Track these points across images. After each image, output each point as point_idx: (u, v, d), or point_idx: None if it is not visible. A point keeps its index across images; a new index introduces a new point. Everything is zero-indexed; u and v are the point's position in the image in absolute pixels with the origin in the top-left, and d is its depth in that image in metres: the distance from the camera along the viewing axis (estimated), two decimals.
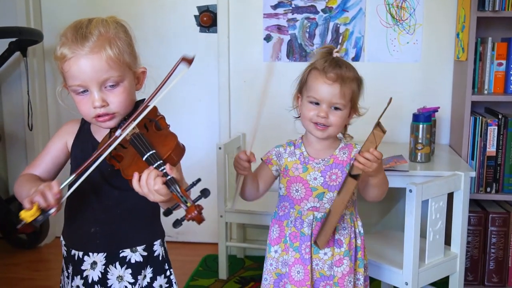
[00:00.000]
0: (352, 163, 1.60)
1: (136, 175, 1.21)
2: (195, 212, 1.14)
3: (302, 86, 1.72)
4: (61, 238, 1.54)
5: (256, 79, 3.07)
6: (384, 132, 1.53)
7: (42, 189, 1.23)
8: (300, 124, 1.76)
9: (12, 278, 2.92)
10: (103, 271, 1.46)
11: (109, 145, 1.29)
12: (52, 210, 1.23)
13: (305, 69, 1.74)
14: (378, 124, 1.53)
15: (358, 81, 1.70)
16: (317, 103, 1.66)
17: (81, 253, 1.47)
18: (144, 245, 1.49)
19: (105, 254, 1.46)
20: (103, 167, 1.33)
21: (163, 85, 1.30)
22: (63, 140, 1.49)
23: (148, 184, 1.18)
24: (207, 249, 3.25)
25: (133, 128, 1.32)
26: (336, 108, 1.66)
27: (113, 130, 1.38)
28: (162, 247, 1.54)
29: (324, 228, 1.62)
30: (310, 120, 1.67)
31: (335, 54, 1.71)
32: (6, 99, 3.28)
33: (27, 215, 1.21)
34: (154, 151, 1.24)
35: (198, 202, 1.16)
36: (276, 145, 1.79)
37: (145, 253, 1.49)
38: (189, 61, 1.30)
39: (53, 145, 1.49)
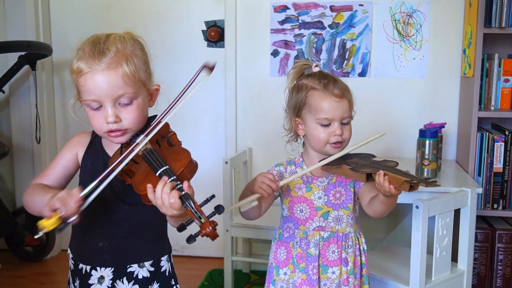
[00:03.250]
0: (379, 173, 1.51)
1: (151, 185, 1.20)
2: (210, 228, 1.14)
3: (300, 109, 1.70)
4: (69, 251, 1.54)
5: (262, 93, 3.09)
6: (408, 190, 1.47)
7: (64, 196, 1.23)
8: (290, 148, 1.77)
9: None
10: (110, 285, 1.46)
11: (132, 151, 1.29)
12: (73, 218, 1.22)
13: (295, 91, 1.72)
14: (411, 183, 1.45)
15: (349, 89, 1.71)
16: (328, 124, 1.65)
17: (88, 267, 1.47)
18: (152, 261, 1.49)
19: (113, 269, 1.46)
20: (114, 182, 1.33)
21: (185, 91, 1.30)
22: (74, 152, 1.49)
23: (163, 196, 1.18)
24: (212, 264, 3.25)
25: (145, 144, 1.32)
26: (345, 123, 1.67)
27: (124, 145, 1.39)
28: (169, 263, 1.54)
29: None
30: (327, 142, 1.65)
31: (315, 69, 1.72)
32: (14, 112, 3.30)
33: (48, 224, 1.19)
34: (167, 166, 1.24)
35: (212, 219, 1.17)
36: (275, 164, 1.77)
37: (152, 269, 1.49)
38: (210, 68, 1.31)
39: (63, 156, 1.49)
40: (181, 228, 1.18)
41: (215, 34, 3.14)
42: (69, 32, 3.25)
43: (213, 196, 1.21)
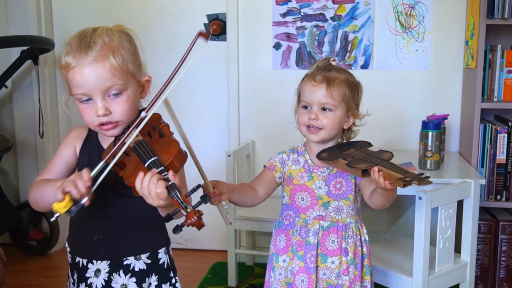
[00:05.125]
0: (374, 170, 1.52)
1: (140, 174, 1.21)
2: (195, 217, 1.14)
3: (299, 97, 1.75)
4: (66, 245, 1.55)
5: (265, 86, 3.09)
6: (402, 186, 1.47)
7: (73, 178, 1.24)
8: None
9: (23, 284, 2.94)
10: (106, 278, 1.46)
11: (135, 127, 1.29)
12: (85, 200, 1.23)
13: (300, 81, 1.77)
14: (404, 180, 1.46)
15: (350, 83, 1.70)
16: (308, 107, 1.68)
17: (85, 261, 1.48)
18: (148, 253, 1.49)
19: (109, 261, 1.47)
20: (108, 175, 1.33)
21: (182, 62, 1.29)
22: (72, 146, 1.50)
23: (149, 186, 1.18)
24: (216, 257, 3.26)
25: (137, 136, 1.32)
26: (326, 109, 1.67)
27: (117, 138, 1.39)
28: (167, 255, 1.54)
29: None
30: (304, 124, 1.69)
31: (333, 62, 1.74)
32: (17, 107, 3.31)
33: (60, 206, 1.21)
34: (156, 157, 1.24)
35: (199, 208, 1.17)
36: (278, 152, 1.79)
37: (149, 261, 1.49)
38: (206, 35, 1.30)
39: (64, 151, 1.50)
40: (167, 218, 1.18)
41: (217, 27, 3.13)
42: (71, 26, 3.24)
43: (198, 186, 1.22)
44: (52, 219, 1.24)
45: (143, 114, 1.31)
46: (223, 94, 3.18)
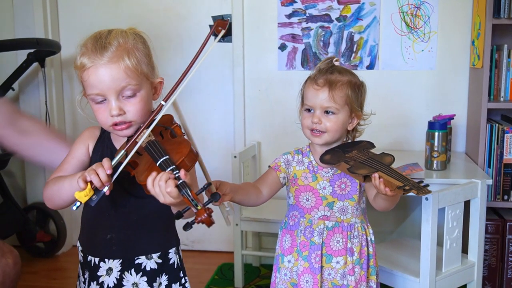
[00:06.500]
0: (374, 176, 1.53)
1: (153, 173, 1.23)
2: (205, 215, 1.16)
3: (302, 99, 1.76)
4: (78, 244, 1.56)
5: (270, 88, 3.09)
6: (403, 193, 1.50)
7: (94, 167, 1.27)
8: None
9: (30, 286, 2.94)
10: (118, 277, 1.47)
11: (150, 123, 1.34)
12: (106, 189, 1.27)
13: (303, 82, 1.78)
14: (403, 189, 1.48)
15: (353, 85, 1.70)
16: (311, 110, 1.69)
17: (97, 259, 1.49)
18: (159, 253, 1.51)
19: (121, 260, 1.48)
20: (120, 174, 1.35)
21: (203, 46, 1.37)
22: (85, 145, 1.51)
23: (160, 184, 1.20)
24: (222, 258, 3.26)
25: (149, 136, 1.35)
26: (329, 112, 1.67)
27: (130, 138, 1.40)
28: (177, 255, 1.55)
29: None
30: (307, 127, 1.70)
31: (336, 63, 1.74)
32: (24, 109, 3.31)
33: (82, 195, 1.24)
34: (167, 156, 1.26)
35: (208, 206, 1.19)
36: (283, 153, 1.80)
37: (160, 261, 1.50)
38: (223, 24, 1.34)
39: (77, 150, 1.51)
40: (178, 216, 1.20)
41: (222, 27, 3.13)
42: (77, 28, 3.26)
43: (209, 184, 1.24)
44: (74, 208, 1.27)
45: (162, 102, 1.35)
46: (228, 95, 3.19)
